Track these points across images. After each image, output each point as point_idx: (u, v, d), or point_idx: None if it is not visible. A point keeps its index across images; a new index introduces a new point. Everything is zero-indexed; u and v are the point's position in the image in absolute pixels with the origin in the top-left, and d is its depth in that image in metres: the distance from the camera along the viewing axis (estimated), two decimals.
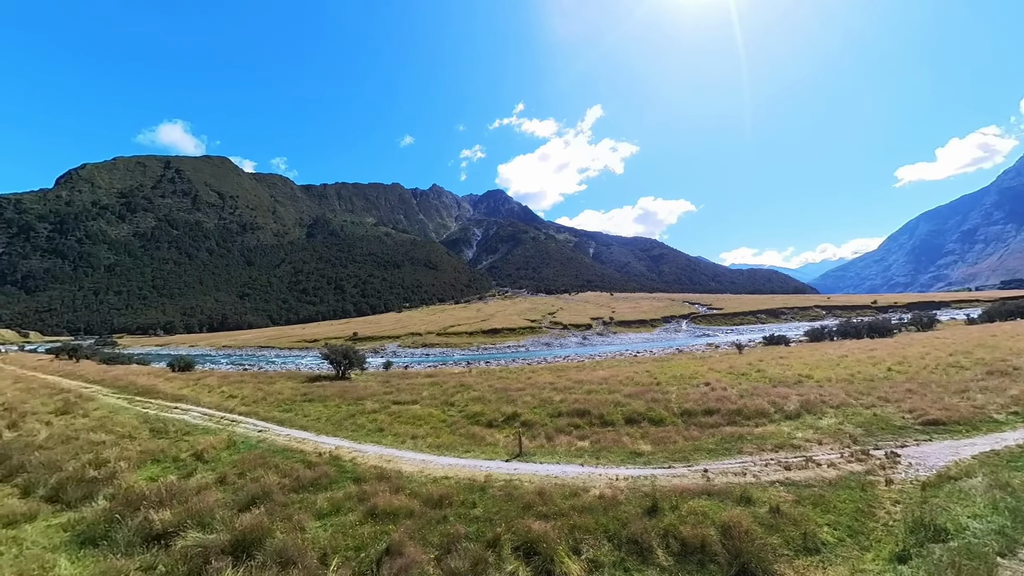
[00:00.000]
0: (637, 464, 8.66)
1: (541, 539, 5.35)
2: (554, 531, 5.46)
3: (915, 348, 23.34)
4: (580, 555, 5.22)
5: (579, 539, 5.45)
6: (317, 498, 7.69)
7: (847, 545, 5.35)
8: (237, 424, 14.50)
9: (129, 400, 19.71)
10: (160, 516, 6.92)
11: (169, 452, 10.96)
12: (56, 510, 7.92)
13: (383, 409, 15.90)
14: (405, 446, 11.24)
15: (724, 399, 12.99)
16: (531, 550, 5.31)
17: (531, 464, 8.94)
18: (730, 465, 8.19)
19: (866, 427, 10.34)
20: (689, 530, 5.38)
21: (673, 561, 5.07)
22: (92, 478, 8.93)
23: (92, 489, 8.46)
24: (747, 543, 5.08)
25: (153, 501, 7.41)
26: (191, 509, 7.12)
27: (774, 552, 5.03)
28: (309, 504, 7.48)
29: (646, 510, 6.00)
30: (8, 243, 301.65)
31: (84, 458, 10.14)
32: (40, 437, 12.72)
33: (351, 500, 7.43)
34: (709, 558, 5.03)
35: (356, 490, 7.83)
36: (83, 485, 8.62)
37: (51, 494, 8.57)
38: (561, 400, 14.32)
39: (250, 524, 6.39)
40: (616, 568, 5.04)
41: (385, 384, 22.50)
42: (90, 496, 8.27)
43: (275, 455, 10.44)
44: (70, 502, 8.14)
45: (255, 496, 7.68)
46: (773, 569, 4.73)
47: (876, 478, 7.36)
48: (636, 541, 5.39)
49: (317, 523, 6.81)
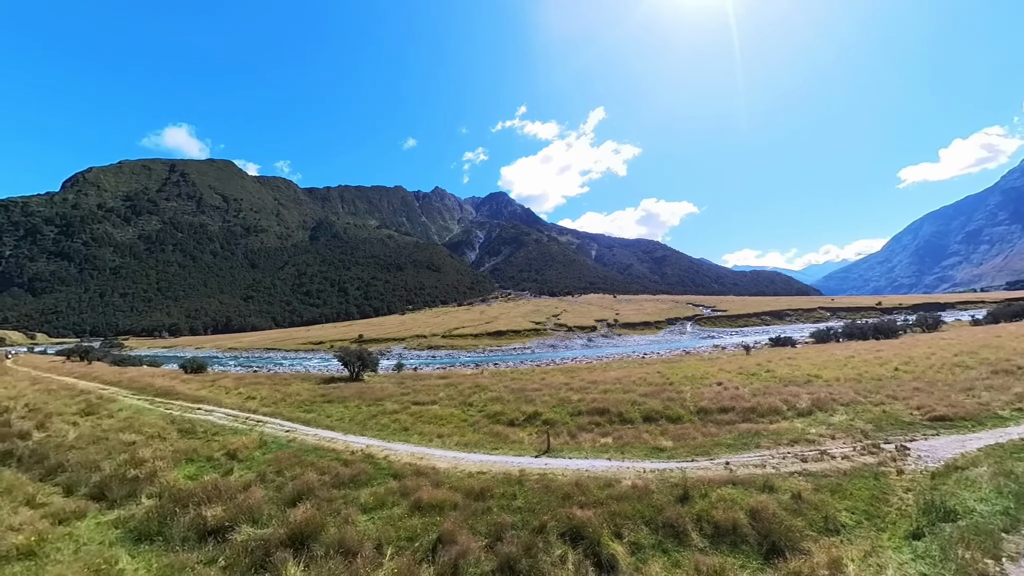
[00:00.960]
0: (661, 458, 9.17)
1: (585, 525, 5.81)
2: (596, 518, 5.92)
3: (921, 349, 23.75)
4: (622, 539, 5.70)
5: (619, 524, 5.93)
6: (359, 494, 7.94)
7: (865, 527, 5.86)
8: (263, 424, 14.66)
9: (150, 401, 19.95)
10: (211, 512, 7.12)
11: (202, 452, 11.08)
12: (102, 508, 8.07)
13: (403, 410, 16.22)
14: (433, 444, 11.58)
15: (738, 397, 13.51)
16: (576, 535, 5.75)
17: (560, 459, 9.40)
18: (750, 458, 8.71)
19: (876, 423, 10.83)
20: (720, 514, 5.89)
21: (708, 542, 5.56)
22: (134, 477, 9.08)
23: (135, 487, 8.63)
24: (775, 525, 5.60)
25: (200, 498, 7.63)
26: (240, 505, 7.31)
27: (799, 532, 5.54)
28: (352, 499, 7.73)
29: (678, 498, 6.50)
30: (15, 245, 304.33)
31: (120, 458, 10.32)
32: (69, 437, 12.77)
33: (394, 495, 7.71)
34: (741, 539, 5.54)
35: (397, 485, 8.11)
36: (126, 484, 8.79)
37: (94, 492, 8.73)
38: (579, 400, 14.83)
39: (304, 518, 6.63)
40: (656, 549, 5.53)
41: (400, 385, 22.79)
42: (133, 494, 8.44)
43: (308, 454, 10.66)
44: (115, 500, 8.30)
45: (300, 492, 7.93)
46: (801, 547, 5.23)
47: (888, 469, 7.86)
48: (672, 525, 5.87)
49: (364, 517, 7.08)
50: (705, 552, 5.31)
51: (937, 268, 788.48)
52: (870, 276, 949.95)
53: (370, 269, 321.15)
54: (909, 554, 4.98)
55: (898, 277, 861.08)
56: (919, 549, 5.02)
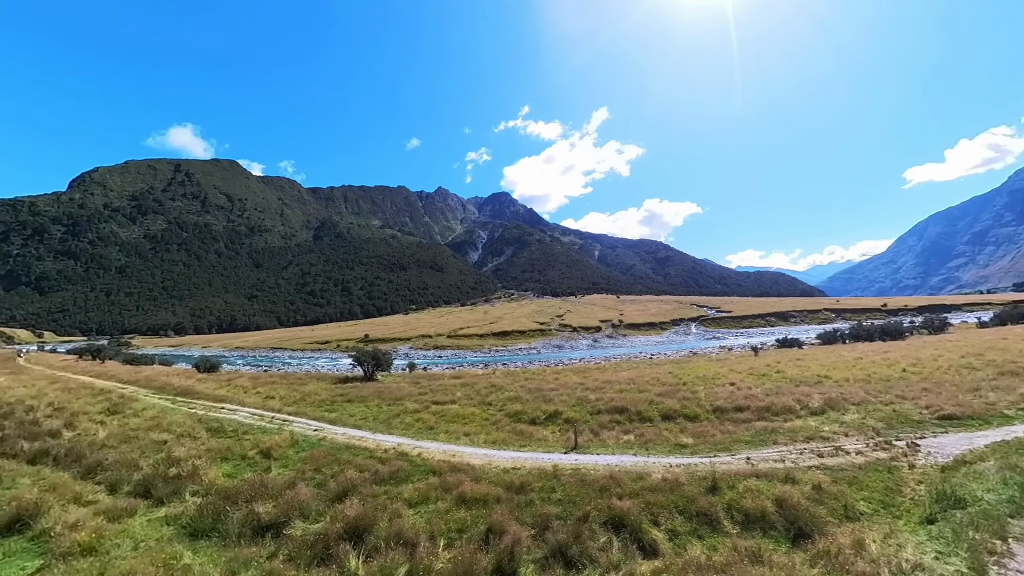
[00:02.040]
0: (684, 454, 9.68)
1: (625, 514, 6.28)
2: (634, 507, 6.40)
3: (928, 350, 24.16)
4: (659, 526, 6.20)
5: (655, 514, 6.41)
6: (401, 490, 8.13)
7: (881, 514, 6.38)
8: (290, 424, 14.72)
9: (172, 400, 19.91)
10: (264, 509, 7.24)
11: (235, 450, 11.13)
12: (149, 505, 8.14)
13: (424, 409, 16.42)
14: (461, 442, 11.87)
15: (752, 397, 14.02)
16: (618, 524, 6.21)
17: (588, 456, 9.87)
18: (769, 454, 9.23)
19: (887, 421, 11.32)
20: (749, 503, 6.41)
21: (739, 529, 6.08)
22: (175, 475, 9.17)
23: (179, 485, 8.74)
24: (800, 512, 6.12)
25: (248, 495, 7.75)
26: (290, 502, 7.46)
27: (822, 519, 6.07)
28: (395, 495, 7.92)
29: (707, 489, 7.01)
30: (23, 244, 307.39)
31: (157, 456, 10.47)
32: (100, 436, 12.75)
33: (436, 490, 7.96)
34: (769, 525, 6.07)
35: (437, 481, 8.33)
36: (169, 482, 8.89)
37: (137, 490, 8.80)
38: (596, 399, 15.35)
39: (358, 513, 6.84)
40: (691, 536, 6.04)
41: (415, 385, 22.98)
42: (178, 492, 8.53)
43: (341, 452, 10.78)
44: (161, 498, 8.37)
45: (345, 489, 8.13)
46: (825, 531, 5.76)
47: (900, 463, 8.36)
48: (705, 514, 6.39)
49: (411, 511, 7.31)
50: (737, 537, 5.82)
51: (943, 269, 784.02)
52: (875, 277, 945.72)
53: (373, 269, 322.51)
54: (924, 536, 5.50)
55: (903, 278, 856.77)
56: (933, 532, 5.55)
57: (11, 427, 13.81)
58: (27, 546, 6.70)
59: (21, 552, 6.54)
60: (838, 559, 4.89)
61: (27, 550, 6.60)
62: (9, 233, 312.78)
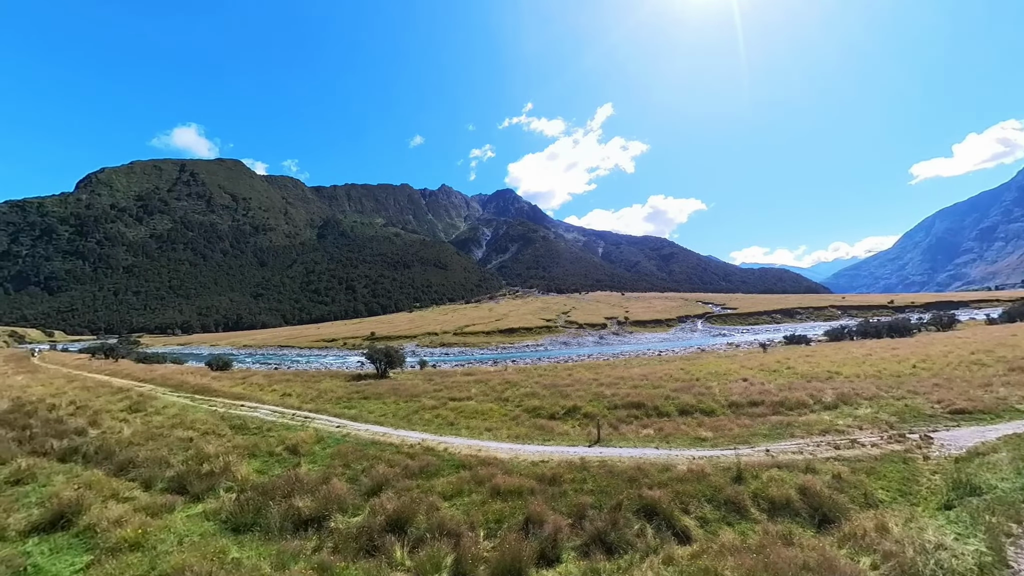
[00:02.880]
0: (704, 447, 10.03)
1: (656, 502, 6.63)
2: (665, 497, 6.73)
3: (937, 347, 24.33)
4: (689, 514, 6.56)
5: (685, 502, 6.76)
6: (433, 483, 8.22)
7: (900, 502, 6.73)
8: (312, 420, 14.76)
9: (191, 398, 20.01)
10: (303, 503, 7.35)
11: (261, 447, 11.15)
12: (186, 501, 8.21)
13: (442, 405, 16.54)
14: (484, 437, 12.00)
15: (766, 392, 14.35)
16: (650, 512, 6.55)
17: (612, 449, 10.20)
18: (787, 446, 9.59)
19: (899, 415, 11.63)
20: (774, 491, 6.77)
21: (766, 516, 6.44)
22: (208, 471, 9.21)
23: (212, 482, 8.78)
24: (822, 499, 6.49)
25: (285, 491, 7.82)
26: (327, 497, 7.57)
27: (844, 506, 6.43)
28: (428, 489, 8.02)
29: (732, 479, 7.37)
30: (32, 245, 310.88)
31: (186, 453, 10.58)
32: (125, 434, 12.73)
33: (469, 483, 8.09)
34: (794, 512, 6.43)
35: (469, 474, 8.46)
36: (203, 478, 8.93)
37: (172, 486, 8.88)
38: (612, 394, 15.71)
39: (397, 506, 6.98)
40: (721, 522, 6.41)
41: (429, 382, 23.09)
42: (212, 488, 8.58)
43: (368, 448, 10.86)
44: (197, 494, 8.43)
45: (379, 483, 8.28)
46: (848, 517, 6.13)
47: (914, 455, 8.69)
48: (732, 502, 6.75)
49: (447, 504, 7.43)
50: (765, 523, 6.18)
51: (950, 266, 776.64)
52: (881, 274, 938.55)
53: (377, 267, 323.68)
54: (943, 520, 5.85)
55: (910, 275, 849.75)
56: (951, 516, 5.90)
57: (38, 425, 13.86)
58: (73, 542, 6.79)
59: (68, 548, 6.65)
60: (864, 540, 5.25)
61: (73, 546, 6.70)
62: (18, 234, 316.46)
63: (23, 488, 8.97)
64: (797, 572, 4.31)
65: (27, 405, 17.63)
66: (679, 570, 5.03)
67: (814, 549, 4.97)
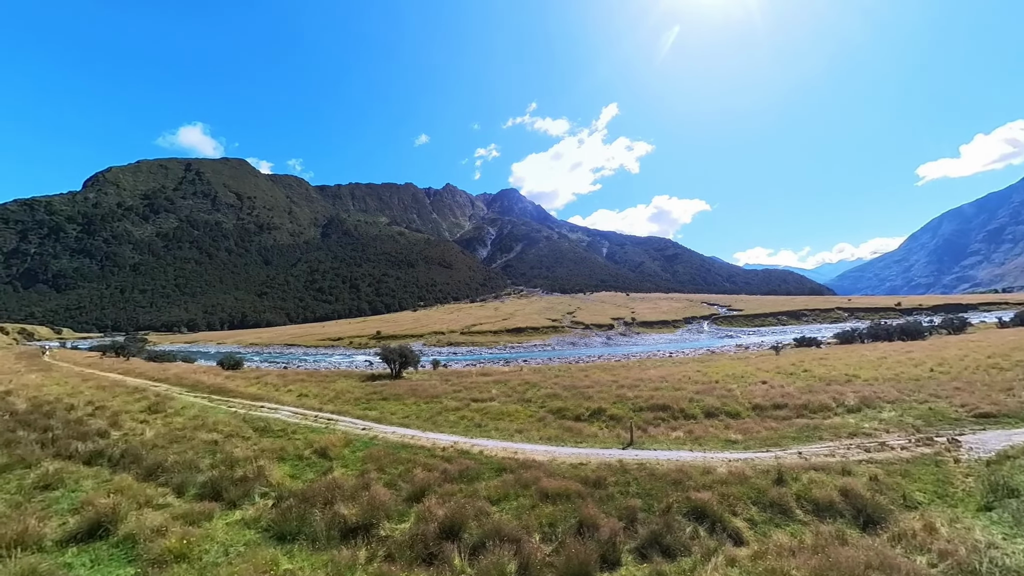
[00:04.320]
0: (736, 449, 10.25)
1: (706, 505, 6.74)
2: (713, 499, 6.88)
3: (952, 350, 24.41)
4: (737, 516, 6.73)
5: (732, 504, 6.93)
6: (476, 487, 8.06)
7: (937, 504, 6.96)
8: (336, 422, 14.55)
9: (208, 399, 19.56)
10: (348, 511, 7.13)
11: (289, 450, 10.91)
12: (222, 508, 7.97)
13: (465, 407, 16.45)
14: (516, 439, 11.97)
15: (788, 395, 14.57)
16: (699, 514, 6.67)
17: (647, 451, 10.32)
18: (818, 448, 9.82)
19: (924, 419, 11.83)
20: (817, 493, 6.98)
21: (811, 517, 6.65)
22: (242, 476, 8.96)
23: (247, 487, 8.53)
24: (866, 501, 6.70)
25: (326, 497, 7.63)
26: (372, 503, 7.36)
27: (886, 507, 6.66)
28: (471, 493, 7.84)
29: (774, 481, 7.57)
30: (40, 243, 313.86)
31: (216, 457, 10.35)
32: (147, 436, 12.46)
33: (514, 487, 7.96)
34: (838, 512, 6.64)
35: (512, 478, 8.33)
36: (238, 484, 8.68)
37: (204, 492, 8.60)
38: (635, 396, 15.93)
39: (450, 512, 6.84)
40: (769, 524, 6.61)
41: (446, 382, 22.76)
42: (247, 494, 8.34)
43: (400, 451, 10.67)
44: (232, 500, 8.20)
45: (422, 488, 8.11)
46: (891, 518, 6.36)
47: (945, 458, 8.91)
48: (777, 504, 6.94)
49: (495, 508, 7.28)
50: (812, 524, 6.39)
51: (956, 267, 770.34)
52: (886, 275, 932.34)
53: (381, 266, 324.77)
54: (986, 521, 6.08)
55: (915, 277, 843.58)
56: (993, 518, 6.13)
57: (59, 427, 13.42)
58: (114, 552, 6.55)
59: (109, 559, 6.40)
60: (915, 540, 5.49)
61: (115, 557, 6.45)
62: (27, 232, 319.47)
63: (53, 493, 8.64)
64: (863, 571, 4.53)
65: (45, 405, 17.20)
66: (744, 571, 5.22)
67: (871, 549, 5.19)
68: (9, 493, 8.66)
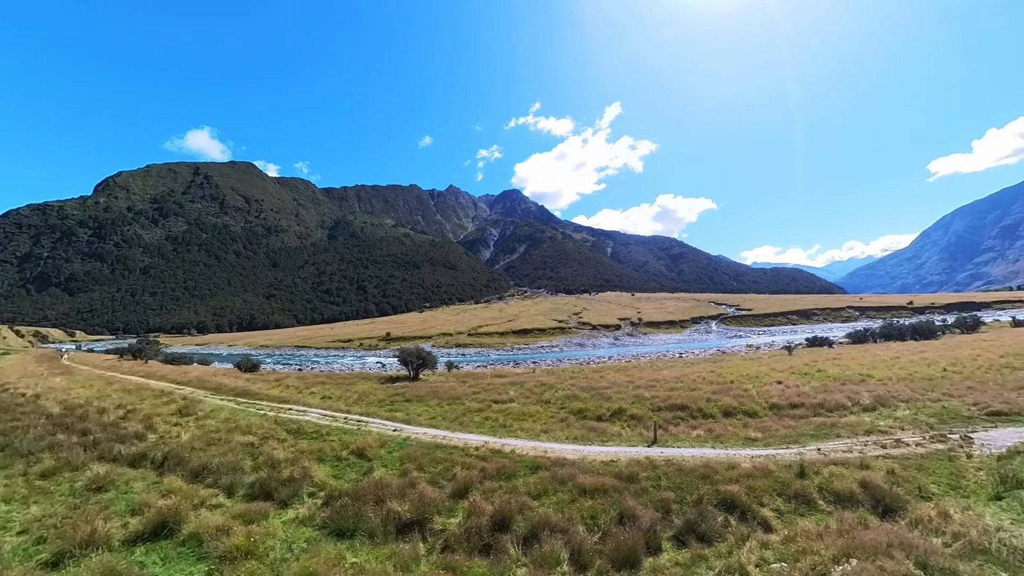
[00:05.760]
0: (757, 446, 10.75)
1: (735, 496, 7.23)
2: (741, 491, 7.39)
3: (965, 350, 24.65)
4: (764, 506, 7.26)
5: (758, 496, 7.45)
6: (515, 484, 8.36)
7: (951, 495, 7.45)
8: (366, 424, 14.79)
9: (235, 401, 19.62)
10: (401, 507, 7.47)
11: (326, 451, 11.10)
12: (275, 508, 8.12)
13: (487, 408, 16.79)
14: (543, 439, 12.34)
15: (803, 395, 15.04)
16: (729, 505, 7.13)
17: (671, 448, 10.84)
18: (836, 445, 10.32)
19: (938, 417, 12.28)
20: (838, 485, 7.49)
21: (833, 507, 7.16)
22: (289, 477, 9.19)
23: (296, 487, 8.75)
24: (884, 492, 7.21)
25: (374, 495, 7.93)
26: (420, 500, 7.73)
27: (902, 498, 7.17)
28: (512, 489, 8.13)
29: (796, 474, 8.05)
30: (52, 247, 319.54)
31: (257, 459, 10.50)
32: (183, 439, 12.60)
33: (551, 483, 8.31)
34: (858, 503, 7.15)
35: (548, 475, 8.68)
36: (286, 484, 8.87)
37: (253, 493, 8.78)
38: (652, 396, 16.46)
39: (499, 506, 7.23)
40: (793, 513, 7.11)
41: (464, 384, 23.16)
42: (296, 494, 8.57)
43: (435, 450, 10.96)
44: (284, 500, 8.39)
45: (465, 485, 8.46)
46: (907, 507, 6.89)
47: (958, 454, 9.38)
48: (801, 495, 7.45)
49: (536, 503, 7.64)
50: (833, 513, 6.90)
51: (970, 265, 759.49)
52: (897, 273, 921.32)
53: (387, 267, 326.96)
54: (996, 509, 6.57)
55: (927, 274, 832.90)
56: (1003, 506, 6.62)
57: (97, 430, 13.63)
58: (181, 551, 6.74)
59: (178, 557, 6.60)
60: (931, 525, 6.01)
61: (183, 555, 6.64)
62: (40, 237, 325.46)
63: (106, 495, 8.86)
64: (884, 549, 5.08)
65: (77, 408, 17.47)
66: (777, 553, 5.72)
67: (891, 532, 5.71)
68: (63, 495, 8.90)
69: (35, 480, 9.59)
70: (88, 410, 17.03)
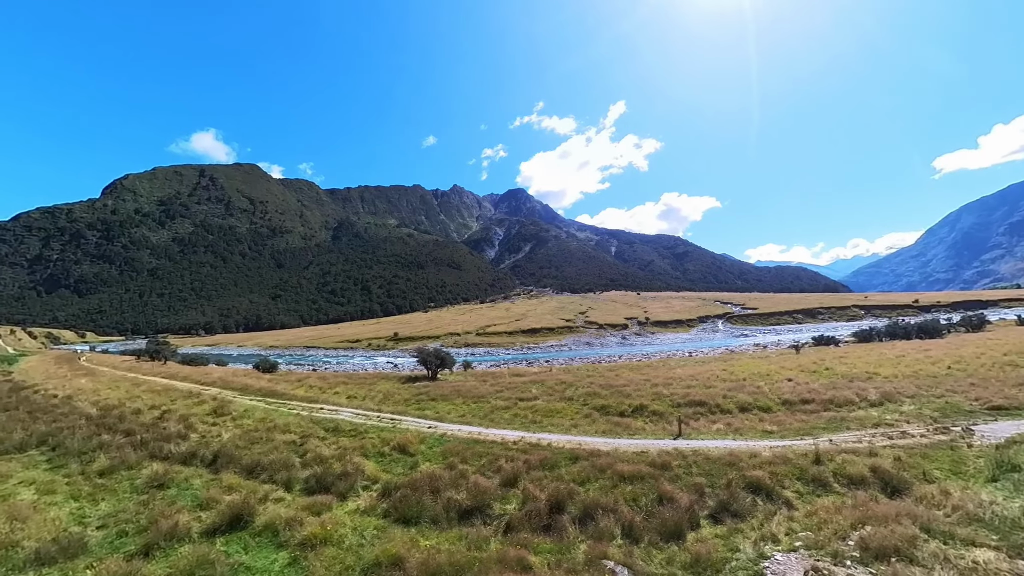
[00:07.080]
0: (774, 438, 11.66)
1: (759, 480, 8.03)
2: (764, 476, 8.32)
3: (969, 348, 25.43)
4: (786, 488, 8.18)
5: (780, 479, 8.38)
6: (559, 473, 9.00)
7: (953, 478, 8.36)
8: (400, 422, 15.23)
9: (264, 401, 19.93)
10: (459, 496, 8.10)
11: (368, 448, 11.50)
12: (336, 500, 8.55)
13: (513, 405, 17.49)
14: (573, 432, 13.14)
15: (813, 392, 15.96)
16: (754, 488, 7.97)
17: (695, 441, 11.75)
18: (847, 437, 11.25)
19: (941, 411, 13.19)
20: (851, 470, 8.42)
21: (846, 489, 8.09)
22: (343, 471, 9.63)
23: (351, 481, 9.22)
24: (892, 476, 8.14)
25: (430, 486, 8.48)
26: (476, 488, 8.37)
27: (908, 481, 8.10)
28: (557, 478, 8.75)
29: (812, 461, 8.97)
30: (62, 249, 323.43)
31: (305, 456, 10.93)
32: (224, 438, 12.80)
33: (591, 471, 8.96)
34: (869, 485, 8.07)
35: (587, 464, 9.34)
36: (343, 478, 9.32)
37: (310, 487, 9.22)
38: (670, 393, 17.39)
39: (552, 491, 7.98)
40: (812, 494, 8.06)
41: (485, 383, 23.72)
42: (352, 487, 9.01)
43: (474, 446, 11.40)
44: (342, 493, 8.81)
45: (514, 475, 9.06)
46: (913, 488, 7.84)
47: (959, 444, 10.28)
48: (817, 479, 8.40)
49: (582, 489, 8.31)
50: (848, 494, 7.85)
51: (976, 262, 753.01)
52: (903, 271, 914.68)
53: (391, 267, 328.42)
54: (992, 488, 7.48)
55: (933, 272, 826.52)
56: (998, 486, 7.53)
57: (140, 430, 13.99)
58: (259, 540, 7.03)
59: (258, 546, 6.88)
60: (933, 501, 6.96)
61: (261, 544, 6.93)
62: (49, 239, 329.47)
63: (168, 491, 9.23)
64: (894, 518, 6.04)
65: (113, 410, 17.85)
66: (802, 524, 6.69)
67: (899, 506, 6.65)
68: (126, 492, 9.29)
69: (95, 478, 10.07)
70: (123, 411, 17.50)
